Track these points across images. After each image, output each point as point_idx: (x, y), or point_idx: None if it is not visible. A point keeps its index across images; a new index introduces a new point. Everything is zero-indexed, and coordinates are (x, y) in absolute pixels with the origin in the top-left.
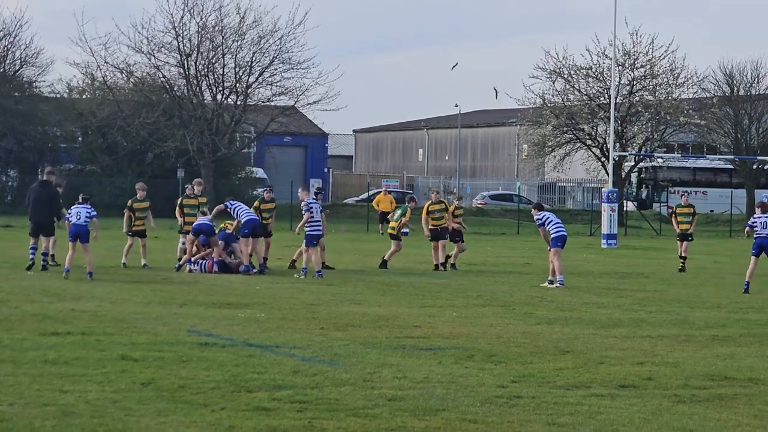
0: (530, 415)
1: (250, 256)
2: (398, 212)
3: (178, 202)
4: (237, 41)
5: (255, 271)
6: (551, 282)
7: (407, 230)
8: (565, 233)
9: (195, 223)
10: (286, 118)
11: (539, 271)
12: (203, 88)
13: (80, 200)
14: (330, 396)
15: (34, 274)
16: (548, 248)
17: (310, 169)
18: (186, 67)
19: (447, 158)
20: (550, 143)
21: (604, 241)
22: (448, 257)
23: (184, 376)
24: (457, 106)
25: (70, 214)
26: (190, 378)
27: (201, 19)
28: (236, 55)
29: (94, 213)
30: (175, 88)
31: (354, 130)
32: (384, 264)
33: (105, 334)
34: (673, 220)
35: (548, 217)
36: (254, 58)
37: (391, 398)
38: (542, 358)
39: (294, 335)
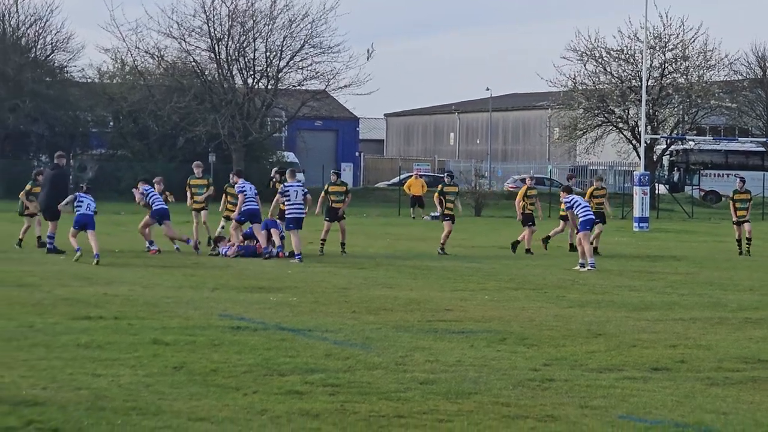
0: (563, 398)
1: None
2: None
3: (188, 182)
4: (268, 25)
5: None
6: (582, 265)
7: (438, 214)
8: (593, 216)
9: (245, 209)
10: (316, 102)
11: (571, 255)
12: (234, 72)
13: (84, 189)
14: (362, 379)
15: (65, 259)
16: (576, 231)
17: (341, 153)
18: (217, 51)
19: (478, 142)
20: (581, 126)
21: (635, 224)
22: (516, 242)
23: (216, 359)
24: (488, 89)
25: (81, 203)
26: (222, 362)
27: (231, 2)
28: (267, 39)
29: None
30: (205, 73)
31: (385, 114)
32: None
33: (137, 319)
34: (731, 206)
35: (576, 201)
36: (285, 43)
37: (424, 381)
38: (574, 341)
39: (326, 319)
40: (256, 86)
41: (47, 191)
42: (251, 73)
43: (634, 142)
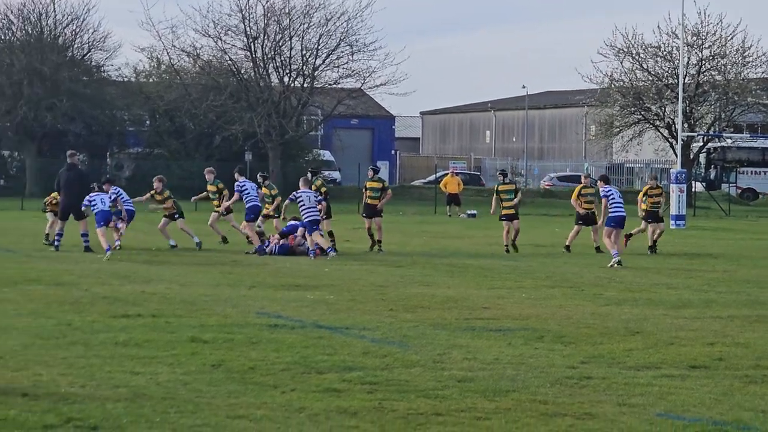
0: (601, 395)
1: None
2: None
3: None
4: (304, 23)
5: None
6: (619, 263)
7: (474, 212)
8: (623, 215)
9: (251, 206)
10: (352, 100)
11: (608, 253)
12: (270, 70)
13: (98, 187)
14: (400, 377)
15: (102, 257)
16: (602, 221)
17: (377, 151)
18: (253, 50)
19: (514, 140)
20: (617, 123)
21: (672, 221)
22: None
23: (254, 357)
24: (524, 87)
25: (93, 202)
26: (259, 360)
27: (267, 1)
28: (303, 38)
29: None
30: (242, 71)
31: (421, 112)
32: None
33: (175, 317)
34: None
35: (612, 194)
36: (321, 41)
37: (461, 379)
38: (612, 338)
39: (363, 317)
40: (292, 84)
41: (66, 192)
42: (287, 71)
43: (670, 139)
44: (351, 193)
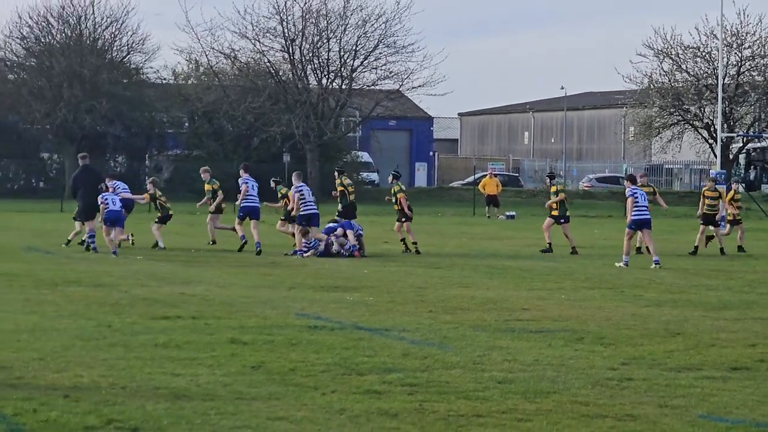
0: (642, 397)
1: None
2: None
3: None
4: (341, 25)
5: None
6: (657, 262)
7: (513, 213)
8: (647, 217)
9: (245, 205)
10: (391, 102)
11: (645, 254)
12: (308, 72)
13: (106, 187)
14: (440, 379)
15: (142, 258)
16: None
17: (415, 152)
18: (291, 51)
19: (553, 141)
20: (656, 124)
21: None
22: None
23: (294, 359)
24: (562, 88)
25: (106, 201)
26: (300, 361)
27: (305, 3)
28: (341, 39)
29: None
30: (280, 73)
31: (459, 114)
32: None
33: (214, 318)
34: None
35: (637, 195)
36: (359, 42)
37: (502, 381)
38: (652, 340)
39: (403, 318)
40: (330, 86)
41: (86, 193)
42: (325, 73)
43: (710, 140)
44: (389, 195)
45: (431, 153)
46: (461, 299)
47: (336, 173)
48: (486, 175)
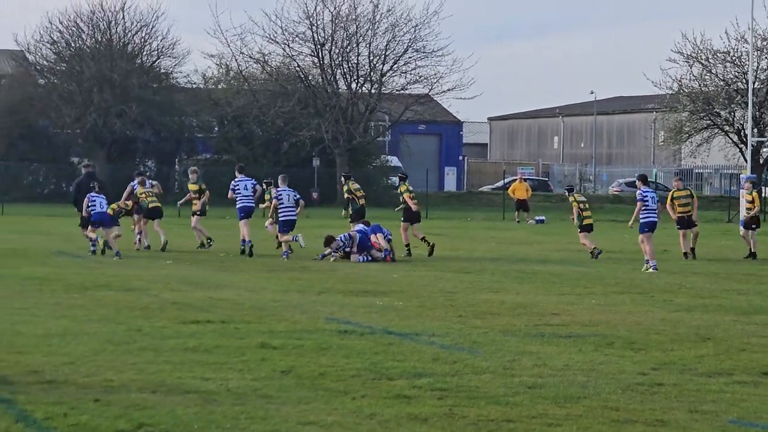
0: (672, 402)
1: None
2: None
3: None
4: (371, 30)
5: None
6: (655, 267)
7: (543, 218)
8: (655, 220)
9: (241, 206)
10: (420, 106)
11: (677, 258)
12: (338, 77)
13: (96, 190)
14: (470, 384)
15: (171, 263)
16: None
17: (444, 157)
18: (320, 56)
19: (582, 145)
20: (686, 129)
21: (742, 227)
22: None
23: (324, 363)
24: (592, 92)
25: (93, 203)
26: (329, 366)
27: (335, 8)
28: (370, 44)
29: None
30: (309, 78)
31: (489, 118)
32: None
33: (244, 322)
34: None
35: (647, 198)
36: (388, 47)
37: (532, 386)
38: (683, 345)
39: (433, 323)
40: (360, 90)
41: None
42: (355, 77)
43: (740, 144)
44: (419, 199)
45: (461, 157)
46: (491, 304)
47: (343, 178)
48: (516, 179)
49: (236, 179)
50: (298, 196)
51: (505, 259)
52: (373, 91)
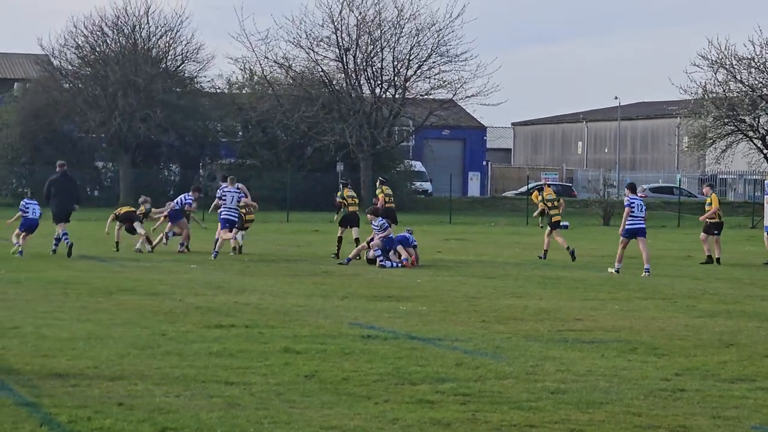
0: (695, 408)
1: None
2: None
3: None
4: (395, 35)
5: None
6: (647, 270)
7: (567, 223)
8: (642, 226)
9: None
10: (444, 111)
11: (699, 264)
12: (362, 81)
13: (29, 195)
14: (493, 389)
15: (196, 267)
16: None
17: (468, 162)
18: (345, 61)
19: (606, 151)
20: (710, 135)
21: (766, 233)
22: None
23: (347, 368)
24: (616, 98)
25: (26, 208)
26: (353, 370)
27: (359, 12)
28: (394, 49)
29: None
30: (333, 82)
31: (513, 123)
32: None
33: (268, 327)
34: None
35: (634, 205)
36: (412, 52)
37: (555, 391)
38: (706, 351)
39: (456, 328)
40: (384, 95)
41: (60, 197)
42: (379, 82)
43: (764, 150)
44: (442, 204)
45: (484, 162)
46: (514, 309)
47: (340, 185)
48: (540, 184)
49: (222, 187)
50: (242, 195)
51: (528, 265)
52: (397, 96)
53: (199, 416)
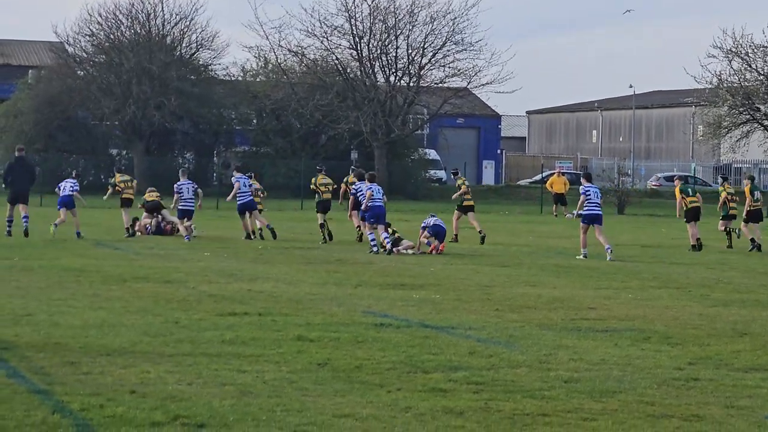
0: (708, 397)
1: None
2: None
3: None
4: (409, 23)
5: None
6: (609, 250)
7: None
8: (598, 213)
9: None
10: (458, 99)
11: (714, 252)
12: (376, 69)
13: (73, 175)
14: (506, 377)
15: (209, 255)
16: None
17: (482, 150)
18: (359, 49)
19: (621, 139)
20: (725, 124)
21: None
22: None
23: (360, 356)
24: (631, 86)
25: (59, 186)
26: (366, 358)
27: (373, 0)
28: (409, 37)
29: (77, 187)
30: (348, 70)
31: (527, 112)
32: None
33: (281, 315)
34: None
35: (590, 192)
36: (427, 40)
37: (568, 380)
38: (719, 340)
39: (469, 316)
40: (398, 84)
41: (18, 181)
42: (393, 70)
43: None
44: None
45: (499, 151)
46: (528, 298)
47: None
48: (554, 173)
49: (236, 176)
50: (195, 186)
51: (542, 253)
52: (411, 84)
53: (211, 404)
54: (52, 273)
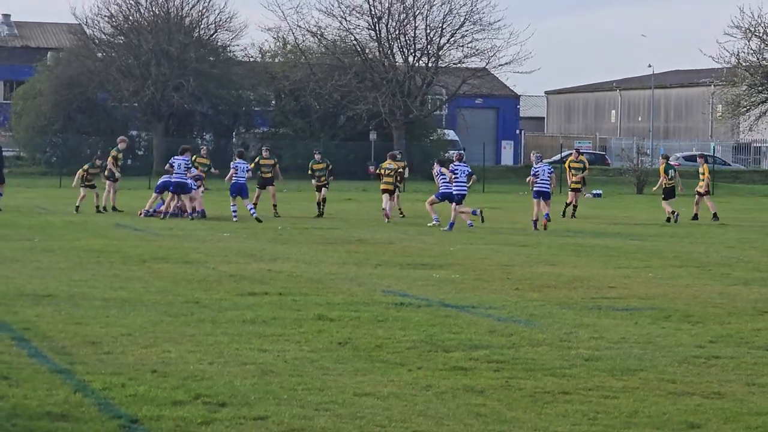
0: (729, 375)
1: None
2: None
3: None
4: (427, 3)
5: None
6: (547, 217)
7: (600, 191)
8: (546, 189)
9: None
10: (477, 79)
11: (733, 232)
12: (395, 50)
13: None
14: (527, 356)
15: (229, 235)
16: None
17: (501, 131)
18: (377, 29)
19: (640, 119)
20: (744, 103)
21: None
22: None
23: (381, 335)
24: (650, 66)
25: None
26: (386, 337)
27: None
28: (427, 17)
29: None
30: (366, 51)
31: (546, 92)
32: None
33: (301, 295)
34: None
35: (539, 172)
36: (445, 20)
37: (588, 358)
38: (740, 318)
39: (489, 296)
40: (417, 64)
41: None
42: (412, 51)
43: None
44: (476, 173)
45: (518, 131)
46: (548, 277)
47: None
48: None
49: (235, 162)
50: (190, 165)
51: (561, 233)
52: (430, 64)
53: (232, 383)
54: (72, 254)
